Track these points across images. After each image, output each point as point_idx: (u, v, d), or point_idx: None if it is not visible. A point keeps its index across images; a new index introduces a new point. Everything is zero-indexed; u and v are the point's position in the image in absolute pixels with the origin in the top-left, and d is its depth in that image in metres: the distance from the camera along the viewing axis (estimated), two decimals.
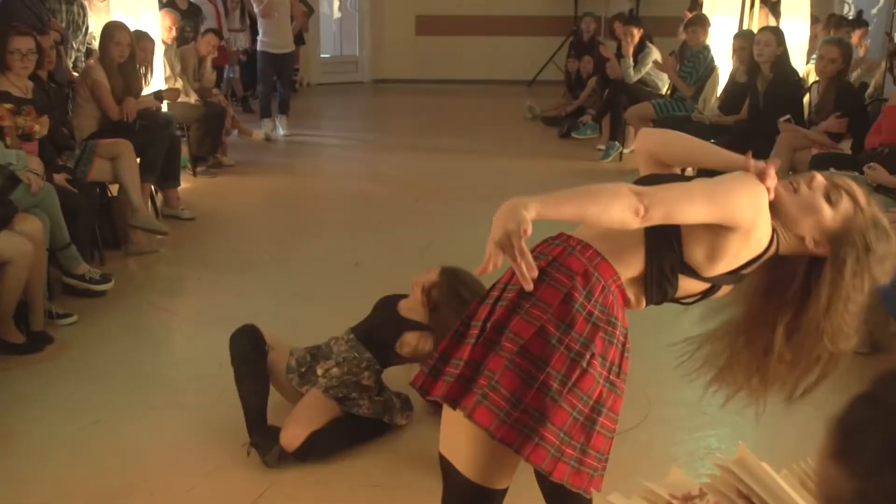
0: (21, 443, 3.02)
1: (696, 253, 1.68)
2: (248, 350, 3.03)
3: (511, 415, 1.59)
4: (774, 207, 1.69)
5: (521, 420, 1.59)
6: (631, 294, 1.72)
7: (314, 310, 3.99)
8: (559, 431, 1.60)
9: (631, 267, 1.70)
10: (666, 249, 1.69)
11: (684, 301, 1.82)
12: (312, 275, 4.79)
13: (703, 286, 1.76)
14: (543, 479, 1.87)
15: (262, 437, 2.88)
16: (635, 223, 1.54)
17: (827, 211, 1.70)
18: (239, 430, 3.10)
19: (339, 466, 2.89)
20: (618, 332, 1.66)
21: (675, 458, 2.92)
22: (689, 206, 1.58)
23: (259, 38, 8.58)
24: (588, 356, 1.61)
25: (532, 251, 1.71)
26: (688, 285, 1.75)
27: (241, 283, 4.59)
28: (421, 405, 3.18)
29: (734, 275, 1.74)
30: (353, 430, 3.00)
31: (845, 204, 1.71)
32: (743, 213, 1.63)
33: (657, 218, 1.55)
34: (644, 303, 1.77)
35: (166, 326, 4.14)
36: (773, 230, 1.70)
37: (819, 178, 1.73)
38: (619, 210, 1.52)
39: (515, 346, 1.61)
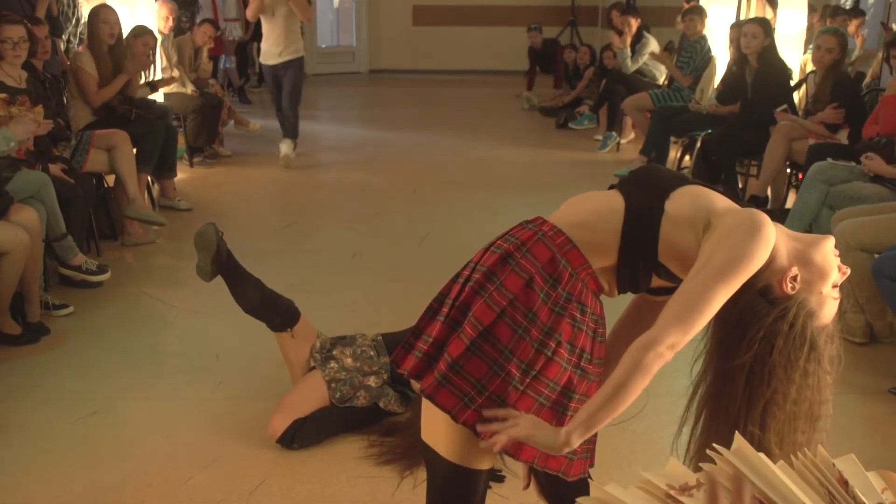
0: (17, 434, 3.02)
1: (671, 262, 1.66)
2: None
3: (475, 400, 1.61)
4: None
5: (485, 405, 1.61)
6: (604, 281, 1.70)
7: (312, 301, 3.97)
8: None
9: (603, 258, 1.68)
10: (640, 250, 1.66)
11: (660, 292, 1.77)
12: (310, 266, 4.79)
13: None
14: (542, 485, 1.87)
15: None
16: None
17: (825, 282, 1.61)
18: (236, 422, 3.10)
19: (337, 457, 2.89)
20: (587, 319, 1.65)
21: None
22: (713, 308, 1.52)
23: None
24: (553, 345, 1.61)
25: (503, 234, 1.73)
26: (662, 281, 1.73)
27: None
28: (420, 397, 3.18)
29: None
30: (344, 418, 3.01)
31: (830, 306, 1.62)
32: (756, 269, 1.56)
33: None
34: (616, 292, 1.75)
35: (163, 317, 4.13)
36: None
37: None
38: (650, 375, 1.51)
39: (475, 332, 1.61)
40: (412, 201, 6.13)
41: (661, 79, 7.90)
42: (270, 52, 6.77)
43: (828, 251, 1.61)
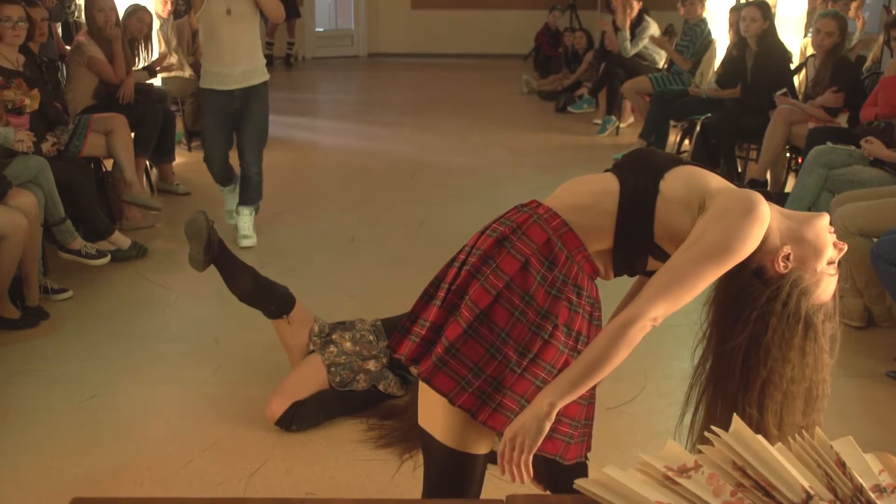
0: (16, 419, 3.03)
1: (667, 243, 1.65)
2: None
3: (472, 383, 1.62)
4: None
5: (481, 388, 1.62)
6: (599, 264, 1.70)
7: (310, 285, 3.99)
8: (520, 399, 1.62)
9: (599, 241, 1.67)
10: (636, 232, 1.66)
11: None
12: (309, 250, 4.79)
13: None
14: (541, 472, 1.87)
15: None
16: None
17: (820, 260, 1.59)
18: (235, 405, 3.11)
19: (337, 440, 2.90)
20: (583, 302, 1.65)
21: (670, 431, 2.92)
22: (700, 286, 1.53)
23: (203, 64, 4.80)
24: (550, 328, 1.62)
25: (499, 217, 1.73)
26: (659, 264, 1.71)
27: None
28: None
29: None
30: (343, 401, 3.02)
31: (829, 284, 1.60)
32: (750, 251, 1.55)
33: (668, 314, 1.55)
34: (612, 275, 1.75)
35: (162, 301, 4.13)
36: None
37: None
38: (632, 347, 1.52)
39: (472, 315, 1.62)
40: (410, 185, 6.12)
41: (661, 62, 7.88)
42: (224, 73, 4.53)
43: (821, 228, 1.60)
